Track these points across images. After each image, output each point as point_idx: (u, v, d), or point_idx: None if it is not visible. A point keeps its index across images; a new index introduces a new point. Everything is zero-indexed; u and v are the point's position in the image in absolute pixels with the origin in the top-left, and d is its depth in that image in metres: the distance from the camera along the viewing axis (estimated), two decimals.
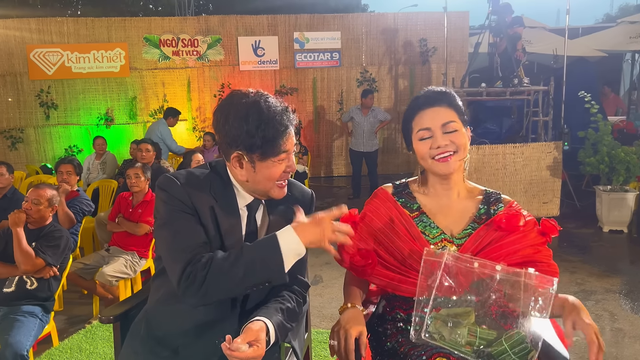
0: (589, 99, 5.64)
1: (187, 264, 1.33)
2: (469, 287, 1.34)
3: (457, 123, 1.55)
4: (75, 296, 4.09)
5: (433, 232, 1.57)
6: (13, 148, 8.94)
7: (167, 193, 1.41)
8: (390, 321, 1.59)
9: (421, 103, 1.59)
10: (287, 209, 1.54)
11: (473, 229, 1.57)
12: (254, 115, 1.35)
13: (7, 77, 8.81)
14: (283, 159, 1.42)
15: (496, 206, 1.62)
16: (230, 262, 1.32)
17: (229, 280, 1.31)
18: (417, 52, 9.58)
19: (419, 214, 1.61)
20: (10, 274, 2.86)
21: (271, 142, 1.37)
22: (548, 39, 9.69)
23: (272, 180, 1.43)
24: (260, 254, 1.32)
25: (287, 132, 1.40)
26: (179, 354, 1.41)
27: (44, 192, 3.08)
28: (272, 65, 9.34)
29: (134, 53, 9.05)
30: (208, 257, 1.34)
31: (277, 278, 1.32)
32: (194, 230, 1.38)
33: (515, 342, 1.25)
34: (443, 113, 1.56)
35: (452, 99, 1.59)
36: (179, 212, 1.39)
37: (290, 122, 1.41)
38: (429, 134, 1.55)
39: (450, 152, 1.53)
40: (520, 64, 6.56)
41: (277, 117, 1.37)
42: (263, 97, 1.39)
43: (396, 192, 1.68)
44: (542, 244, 1.55)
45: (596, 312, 3.50)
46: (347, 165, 9.72)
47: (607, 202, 5.45)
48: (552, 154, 5.87)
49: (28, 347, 2.67)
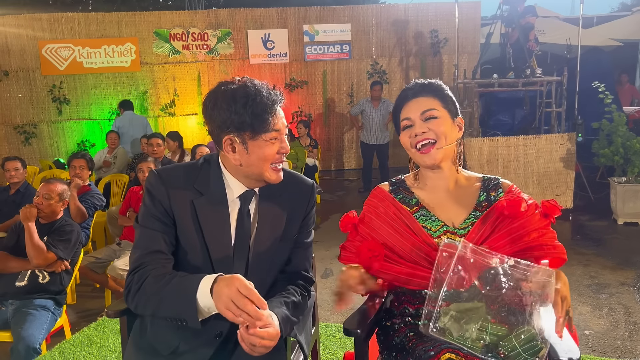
0: (603, 89, 5.54)
1: (132, 271, 1.38)
2: (478, 279, 1.32)
3: (439, 111, 1.54)
4: (87, 290, 4.14)
5: (434, 225, 1.55)
6: (27, 143, 9.04)
7: (147, 193, 1.45)
8: (398, 316, 1.57)
9: (406, 95, 1.60)
10: (284, 200, 1.51)
11: (475, 217, 1.55)
12: (241, 94, 1.36)
13: (20, 72, 8.90)
14: (274, 137, 1.40)
15: (496, 192, 1.59)
16: (157, 286, 1.32)
17: (151, 302, 1.32)
18: (428, 43, 9.48)
19: (418, 208, 1.59)
20: (23, 268, 2.89)
21: (260, 117, 1.36)
22: (561, 28, 9.53)
23: (265, 161, 1.40)
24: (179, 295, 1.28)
25: (274, 107, 1.39)
26: (179, 350, 1.41)
27: (55, 186, 3.11)
28: (282, 58, 9.31)
29: (145, 47, 9.08)
30: (147, 270, 1.35)
31: (190, 322, 1.27)
32: (153, 238, 1.40)
33: (525, 339, 1.23)
34: (424, 102, 1.56)
35: (437, 89, 1.59)
36: (149, 216, 1.43)
37: (278, 98, 1.41)
38: (410, 123, 1.57)
39: (429, 140, 1.53)
40: (532, 55, 6.46)
41: (264, 93, 1.37)
42: (249, 80, 1.40)
43: (393, 189, 1.66)
44: (545, 227, 1.52)
45: (610, 306, 3.45)
46: (357, 158, 9.69)
47: (622, 194, 5.37)
48: (566, 145, 5.78)
49: (40, 340, 2.70)
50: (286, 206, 1.52)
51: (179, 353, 1.41)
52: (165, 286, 1.30)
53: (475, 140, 5.84)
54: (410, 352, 1.39)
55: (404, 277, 1.49)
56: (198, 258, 1.43)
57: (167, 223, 1.42)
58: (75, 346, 3.08)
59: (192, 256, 1.43)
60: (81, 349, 3.05)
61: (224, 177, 1.47)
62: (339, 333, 3.13)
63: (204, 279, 1.26)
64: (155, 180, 1.44)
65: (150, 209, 1.42)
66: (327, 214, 6.35)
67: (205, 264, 1.43)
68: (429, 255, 1.46)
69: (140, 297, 1.33)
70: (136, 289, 1.34)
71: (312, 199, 1.60)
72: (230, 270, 1.42)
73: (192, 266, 1.43)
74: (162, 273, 1.34)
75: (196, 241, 1.42)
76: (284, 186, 1.51)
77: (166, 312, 1.32)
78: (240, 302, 1.18)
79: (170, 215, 1.42)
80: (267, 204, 1.50)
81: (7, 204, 4.20)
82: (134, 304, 1.36)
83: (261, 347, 1.22)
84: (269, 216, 1.49)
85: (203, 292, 1.24)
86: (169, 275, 1.33)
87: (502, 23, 6.77)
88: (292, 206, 1.53)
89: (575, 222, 5.65)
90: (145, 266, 1.36)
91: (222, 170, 1.47)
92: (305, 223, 1.59)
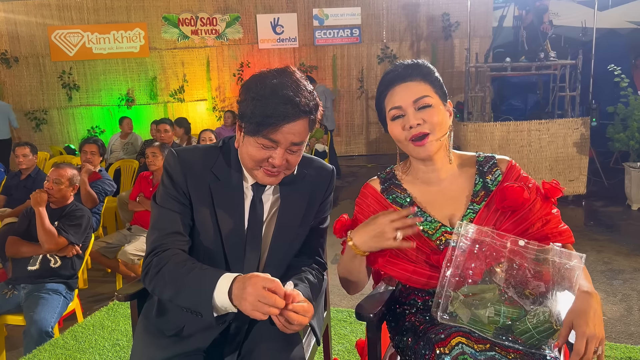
0: (619, 73, 5.43)
1: (150, 252, 1.36)
2: (491, 268, 1.28)
3: (432, 98, 1.40)
4: (99, 274, 4.17)
5: (431, 227, 1.44)
6: (37, 129, 9.10)
7: (166, 173, 1.43)
8: (407, 305, 1.55)
9: (391, 79, 1.44)
10: (305, 186, 1.48)
11: (474, 212, 1.43)
12: (260, 86, 1.29)
13: (30, 59, 8.92)
14: (268, 146, 1.30)
15: (492, 175, 1.47)
16: (176, 275, 1.29)
17: (168, 289, 1.30)
18: (439, 27, 9.35)
19: None
20: (34, 252, 2.91)
21: (255, 122, 1.28)
22: (576, 10, 9.32)
23: (251, 159, 1.34)
24: (197, 289, 1.24)
25: (280, 122, 1.27)
26: (184, 332, 1.40)
27: (65, 171, 3.11)
28: (291, 43, 9.24)
29: (153, 33, 9.05)
30: (167, 256, 1.33)
31: (205, 317, 1.24)
32: (171, 219, 1.38)
33: (539, 322, 1.20)
34: (415, 87, 1.40)
35: (426, 71, 1.43)
36: (168, 196, 1.40)
37: (289, 115, 1.26)
38: (400, 112, 1.40)
39: (425, 132, 1.38)
40: (547, 37, 6.33)
41: (276, 101, 1.26)
42: (281, 77, 1.29)
43: (384, 187, 1.53)
44: (548, 213, 1.42)
45: (624, 292, 3.41)
46: (367, 144, 9.64)
47: (637, 179, 5.28)
48: (579, 130, 5.69)
49: (53, 323, 2.73)
50: (307, 192, 1.48)
51: (183, 336, 1.40)
52: (184, 277, 1.27)
53: (487, 125, 5.76)
54: (421, 336, 1.37)
55: (407, 275, 1.42)
56: (210, 242, 1.41)
57: (184, 204, 1.40)
58: (87, 330, 3.11)
59: (205, 239, 1.41)
60: (93, 333, 3.07)
61: (241, 166, 1.44)
62: (349, 318, 3.12)
63: (221, 278, 1.22)
64: (173, 161, 1.42)
65: (169, 189, 1.41)
66: (336, 200, 6.33)
67: (217, 249, 1.41)
68: (429, 259, 1.39)
69: (159, 281, 1.32)
70: (155, 272, 1.32)
71: (331, 185, 1.55)
72: (242, 255, 1.41)
73: (204, 248, 1.41)
74: (181, 260, 1.32)
75: (210, 225, 1.40)
76: (305, 171, 1.48)
77: (183, 303, 1.30)
78: (270, 300, 1.14)
79: (187, 196, 1.41)
80: (288, 190, 1.46)
81: (18, 189, 4.24)
82: (151, 286, 1.35)
83: (297, 324, 1.19)
84: (289, 203, 1.46)
85: (220, 291, 1.20)
86: (189, 264, 1.30)
87: (515, 5, 6.64)
88: (313, 190, 1.50)
89: (588, 208, 5.57)
90: (165, 249, 1.34)
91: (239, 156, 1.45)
92: (322, 208, 1.55)
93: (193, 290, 1.25)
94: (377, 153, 9.60)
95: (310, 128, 1.35)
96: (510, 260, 1.28)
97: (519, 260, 1.27)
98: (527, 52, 6.34)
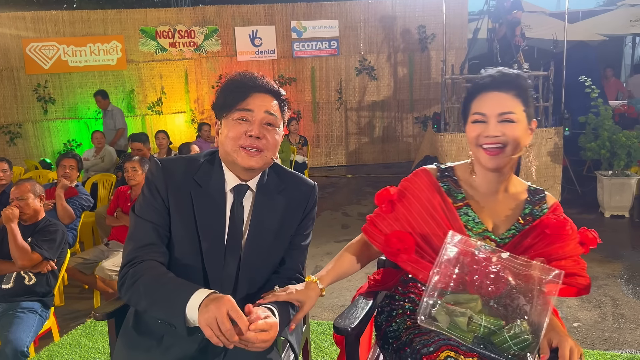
0: (590, 84, 5.59)
1: (127, 264, 1.37)
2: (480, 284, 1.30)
3: (518, 115, 1.40)
4: (76, 291, 4.09)
5: (476, 228, 1.47)
6: (12, 143, 8.91)
7: (147, 182, 1.45)
8: (399, 301, 1.56)
9: (486, 84, 1.45)
10: (281, 198, 1.50)
11: (517, 230, 1.48)
12: (228, 80, 1.44)
13: (4, 72, 8.76)
14: (243, 118, 1.40)
15: (540, 207, 1.52)
16: (151, 288, 1.30)
17: (143, 301, 1.32)
18: (415, 39, 9.49)
19: (463, 205, 1.50)
20: (8, 270, 2.85)
21: (229, 97, 1.40)
22: (548, 23, 9.60)
23: (233, 140, 1.39)
24: (170, 302, 1.26)
25: (248, 91, 1.40)
26: (163, 343, 1.39)
27: (24, 187, 3.07)
28: (269, 55, 9.27)
29: (131, 45, 8.99)
30: (143, 268, 1.34)
31: (179, 329, 1.26)
32: (148, 231, 1.39)
33: (516, 334, 1.23)
34: (505, 100, 1.41)
35: (521, 87, 1.43)
36: (148, 207, 1.42)
37: (256, 85, 1.42)
38: (483, 119, 1.43)
39: (499, 144, 1.40)
40: (519, 50, 6.49)
41: (242, 77, 1.42)
42: (247, 72, 1.45)
43: (440, 176, 1.56)
44: (578, 256, 1.47)
45: (598, 298, 3.49)
46: (347, 155, 9.69)
47: (609, 187, 5.42)
48: (553, 139, 5.82)
49: (28, 343, 2.66)
50: (282, 204, 1.50)
51: (163, 347, 1.39)
52: (159, 290, 1.29)
53: (463, 136, 5.85)
54: (407, 343, 1.38)
55: (428, 272, 1.40)
56: (189, 251, 1.41)
57: (163, 215, 1.41)
58: (63, 349, 3.05)
59: (184, 248, 1.42)
60: (69, 352, 3.02)
61: (223, 171, 1.47)
62: (329, 330, 3.12)
63: (196, 293, 1.23)
64: (156, 170, 1.44)
65: (149, 199, 1.42)
66: (316, 212, 6.32)
67: (195, 259, 1.41)
68: None
69: (134, 292, 1.33)
70: (130, 283, 1.33)
71: (311, 200, 1.57)
72: (222, 263, 1.42)
73: (182, 259, 1.42)
74: (157, 274, 1.33)
75: (189, 233, 1.41)
76: (283, 184, 1.51)
77: (157, 314, 1.32)
78: (224, 327, 1.15)
79: (167, 206, 1.41)
80: (263, 199, 1.48)
81: None
82: (126, 297, 1.36)
83: (260, 342, 1.20)
84: (263, 211, 1.47)
85: (192, 306, 1.22)
86: (164, 277, 1.31)
87: (489, 18, 6.80)
88: (289, 205, 1.51)
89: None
90: (141, 261, 1.35)
91: (222, 165, 1.47)
92: (304, 225, 1.57)
93: (166, 303, 1.26)
94: (356, 163, 9.65)
95: (282, 111, 1.45)
96: (493, 272, 1.31)
97: (502, 273, 1.30)
98: (500, 64, 6.47)
